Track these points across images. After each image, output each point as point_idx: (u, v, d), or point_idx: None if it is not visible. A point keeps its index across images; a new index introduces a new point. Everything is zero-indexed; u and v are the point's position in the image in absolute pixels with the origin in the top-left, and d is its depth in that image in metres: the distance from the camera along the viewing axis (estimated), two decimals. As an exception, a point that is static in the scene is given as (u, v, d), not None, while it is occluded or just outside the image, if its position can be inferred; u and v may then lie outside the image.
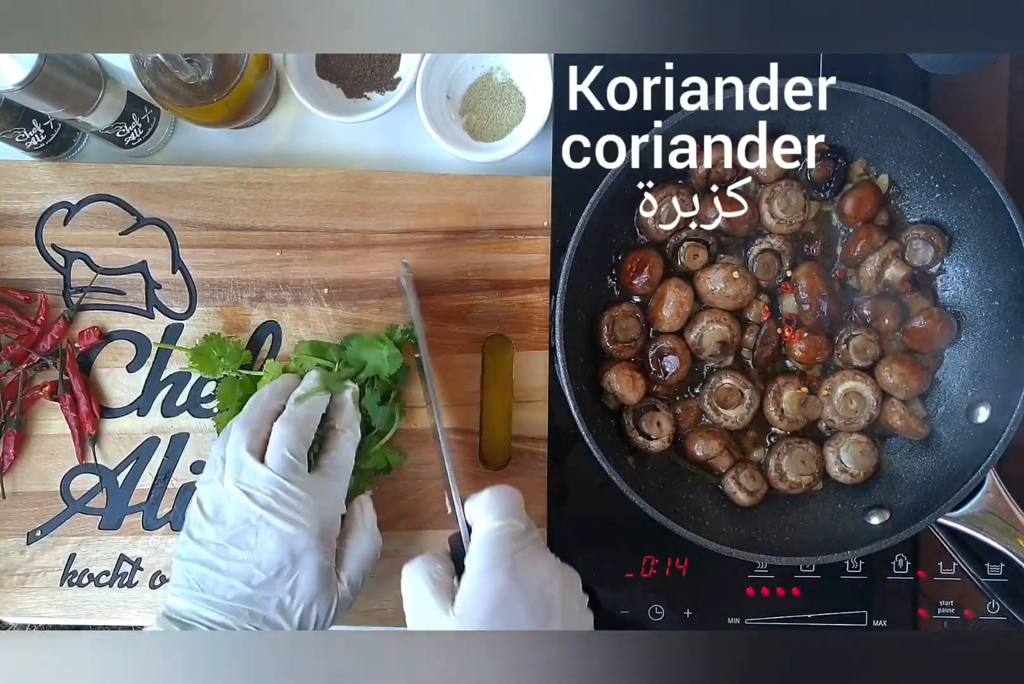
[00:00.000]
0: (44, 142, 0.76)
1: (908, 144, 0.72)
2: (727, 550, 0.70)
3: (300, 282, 0.79)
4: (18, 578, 0.78)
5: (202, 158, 0.83)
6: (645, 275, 0.75)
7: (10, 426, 0.78)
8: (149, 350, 0.79)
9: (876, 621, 0.78)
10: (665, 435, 0.75)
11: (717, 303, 0.75)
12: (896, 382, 0.74)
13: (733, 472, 0.76)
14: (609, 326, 0.75)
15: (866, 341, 0.75)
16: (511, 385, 0.80)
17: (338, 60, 0.81)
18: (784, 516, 0.76)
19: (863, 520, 0.74)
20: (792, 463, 0.75)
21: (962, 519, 0.71)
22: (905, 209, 0.76)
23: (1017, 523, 0.70)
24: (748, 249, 0.76)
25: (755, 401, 0.75)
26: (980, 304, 0.74)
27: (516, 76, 0.81)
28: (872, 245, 0.74)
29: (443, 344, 0.79)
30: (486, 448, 0.81)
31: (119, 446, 0.79)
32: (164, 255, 0.79)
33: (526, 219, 0.80)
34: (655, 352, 0.75)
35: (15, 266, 0.79)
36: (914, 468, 0.75)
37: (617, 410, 0.77)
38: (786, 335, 0.75)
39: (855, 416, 0.75)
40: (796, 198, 0.74)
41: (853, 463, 0.75)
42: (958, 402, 0.75)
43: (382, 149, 0.83)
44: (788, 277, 0.76)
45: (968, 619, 0.77)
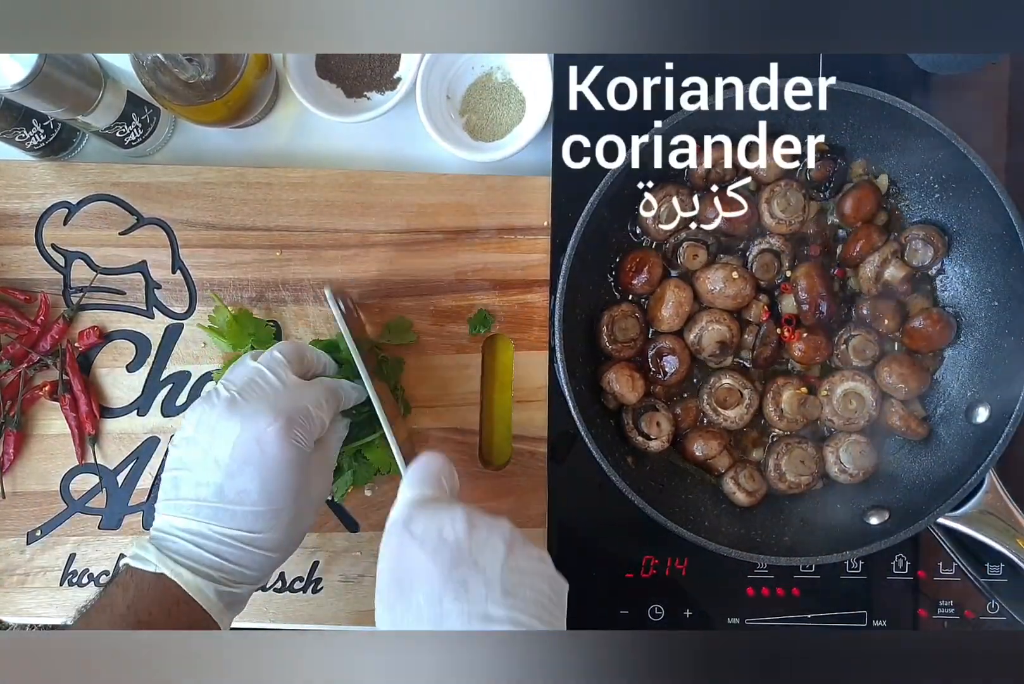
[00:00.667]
0: (44, 142, 0.76)
1: (908, 144, 0.72)
2: (726, 550, 0.70)
3: (300, 282, 0.79)
4: (18, 578, 0.78)
5: (202, 158, 0.83)
6: (644, 275, 0.75)
7: (10, 426, 0.78)
8: (149, 350, 0.79)
9: (876, 621, 0.78)
10: (664, 435, 0.75)
11: (716, 303, 0.75)
12: (895, 382, 0.74)
13: (732, 472, 0.76)
14: (608, 326, 0.75)
15: (865, 341, 0.75)
16: (511, 385, 0.80)
17: (338, 60, 0.81)
18: (783, 516, 0.76)
19: (862, 520, 0.74)
20: (791, 463, 0.75)
21: (961, 519, 0.71)
22: (905, 209, 0.76)
23: (1016, 523, 0.70)
24: (748, 249, 0.76)
25: (754, 401, 0.75)
26: (979, 305, 0.74)
27: (516, 76, 0.81)
28: (871, 245, 0.74)
29: (443, 344, 0.79)
30: (486, 448, 0.81)
31: (119, 446, 0.79)
32: (164, 255, 0.79)
33: (526, 219, 0.80)
34: (654, 352, 0.75)
35: (15, 266, 0.79)
36: (913, 468, 0.75)
37: (616, 410, 0.77)
38: (785, 335, 0.75)
39: (854, 416, 0.75)
40: (796, 198, 0.74)
41: (852, 463, 0.75)
42: (957, 402, 0.75)
43: (382, 149, 0.83)
44: (788, 277, 0.76)
45: (968, 619, 0.77)
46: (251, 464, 0.59)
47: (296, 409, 0.61)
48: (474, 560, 0.53)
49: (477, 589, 0.52)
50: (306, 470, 0.62)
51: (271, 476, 0.59)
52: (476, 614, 0.51)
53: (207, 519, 0.59)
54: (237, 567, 0.59)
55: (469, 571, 0.52)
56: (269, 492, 0.59)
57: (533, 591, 0.53)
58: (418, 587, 0.53)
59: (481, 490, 0.79)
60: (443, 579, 0.52)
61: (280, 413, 0.60)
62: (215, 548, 0.59)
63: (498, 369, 0.81)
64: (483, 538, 0.54)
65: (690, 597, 0.78)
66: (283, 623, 0.78)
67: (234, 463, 0.59)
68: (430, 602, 0.52)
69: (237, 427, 0.59)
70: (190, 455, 0.60)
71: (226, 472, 0.59)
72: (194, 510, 0.59)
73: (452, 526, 0.55)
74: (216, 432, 0.60)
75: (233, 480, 0.59)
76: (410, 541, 0.55)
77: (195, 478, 0.60)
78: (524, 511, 0.78)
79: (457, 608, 0.51)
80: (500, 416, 0.81)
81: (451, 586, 0.52)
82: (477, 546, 0.54)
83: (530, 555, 0.56)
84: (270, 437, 0.59)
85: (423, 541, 0.54)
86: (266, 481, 0.59)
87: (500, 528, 0.56)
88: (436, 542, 0.54)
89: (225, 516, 0.59)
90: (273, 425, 0.59)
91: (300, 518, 0.62)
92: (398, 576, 0.54)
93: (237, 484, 0.59)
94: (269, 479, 0.59)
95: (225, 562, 0.59)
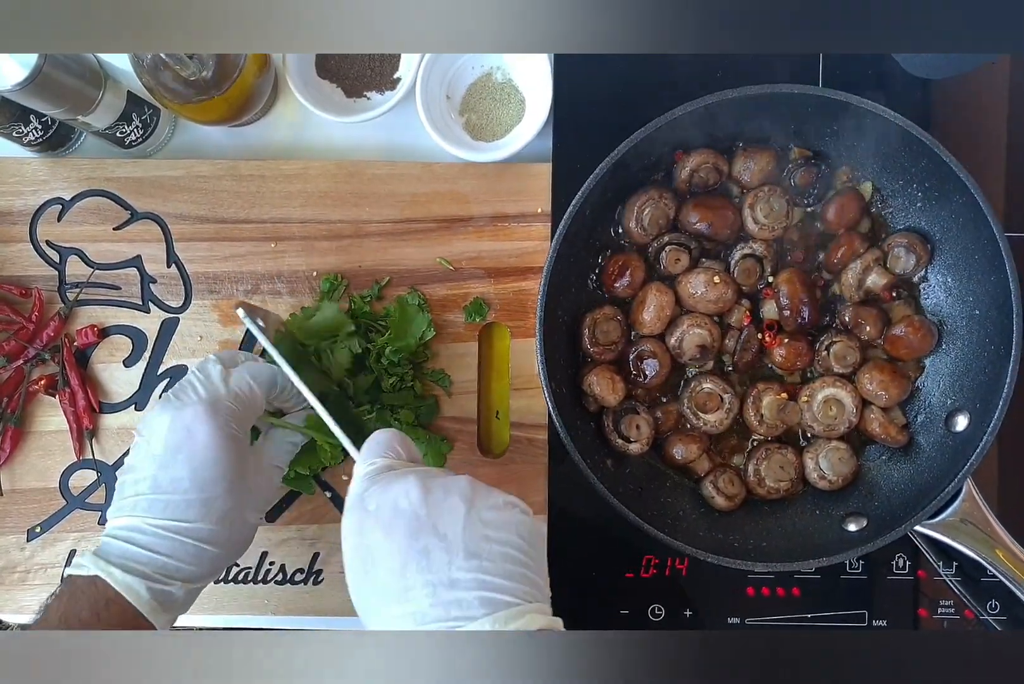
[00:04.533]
0: (42, 137, 0.77)
1: (891, 152, 0.72)
2: (703, 554, 0.70)
3: (295, 274, 0.80)
4: (19, 575, 0.78)
5: (202, 157, 0.83)
6: (627, 278, 0.75)
7: (9, 422, 0.78)
8: (145, 345, 0.80)
9: (876, 621, 0.78)
10: (644, 438, 0.75)
11: (698, 307, 0.75)
12: (876, 389, 0.74)
13: (712, 476, 0.76)
14: (590, 328, 0.75)
15: (847, 348, 0.75)
16: (508, 373, 0.80)
17: (338, 60, 0.82)
18: (762, 521, 0.76)
19: (840, 527, 0.74)
20: (771, 468, 0.75)
21: (939, 527, 0.71)
22: (889, 217, 0.76)
23: (993, 533, 0.70)
24: (730, 254, 0.76)
25: (735, 406, 0.75)
26: (961, 313, 0.74)
27: (516, 76, 0.81)
28: (853, 252, 0.74)
29: (440, 333, 0.79)
30: (485, 436, 0.81)
31: (117, 441, 0.80)
32: (159, 249, 0.80)
33: (519, 206, 0.80)
34: (635, 355, 0.76)
35: (10, 263, 0.80)
36: (892, 476, 0.75)
37: (597, 412, 0.77)
38: (767, 341, 0.75)
39: (834, 423, 0.75)
40: (779, 204, 0.74)
41: (831, 470, 0.75)
42: (937, 411, 0.75)
43: (382, 148, 0.84)
44: (770, 283, 0.76)
45: (968, 619, 0.76)
46: (182, 451, 0.60)
47: (224, 395, 0.63)
48: (433, 526, 0.51)
49: (439, 556, 0.50)
50: (241, 460, 0.63)
51: (201, 462, 0.60)
52: (441, 582, 0.50)
53: (143, 512, 0.60)
54: (171, 560, 0.59)
55: (430, 538, 0.51)
56: (201, 479, 0.60)
57: (500, 544, 0.51)
58: (380, 563, 0.51)
59: (481, 478, 0.76)
60: (404, 551, 0.51)
61: (206, 400, 0.62)
62: (148, 541, 0.59)
63: (495, 357, 0.82)
64: (439, 501, 0.53)
65: (690, 597, 0.78)
66: (284, 615, 0.78)
67: (167, 453, 0.60)
68: (394, 576, 0.50)
69: (167, 419, 0.61)
70: (132, 458, 0.62)
71: (159, 463, 0.60)
72: (132, 506, 0.60)
73: (407, 495, 0.53)
74: (151, 429, 0.62)
75: (166, 470, 0.60)
76: (366, 517, 0.53)
77: (135, 476, 0.61)
78: (525, 499, 0.75)
79: (421, 579, 0.50)
80: (498, 404, 0.81)
81: (413, 556, 0.50)
82: (435, 510, 0.52)
83: (494, 505, 0.54)
84: (199, 422, 0.61)
85: (378, 515, 0.53)
86: (197, 468, 0.60)
87: (457, 485, 0.54)
88: (392, 514, 0.52)
89: (158, 506, 0.60)
90: (201, 411, 0.61)
91: (236, 511, 0.63)
92: (360, 554, 0.53)
93: (170, 473, 0.60)
94: (200, 466, 0.60)
95: (158, 555, 0.59)
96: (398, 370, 0.76)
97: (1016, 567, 0.69)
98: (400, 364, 0.76)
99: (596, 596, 0.78)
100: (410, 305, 0.78)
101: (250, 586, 0.78)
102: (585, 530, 0.79)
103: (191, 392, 0.63)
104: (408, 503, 0.52)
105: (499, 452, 0.80)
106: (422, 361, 0.79)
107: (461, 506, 0.52)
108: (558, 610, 0.67)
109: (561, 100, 0.79)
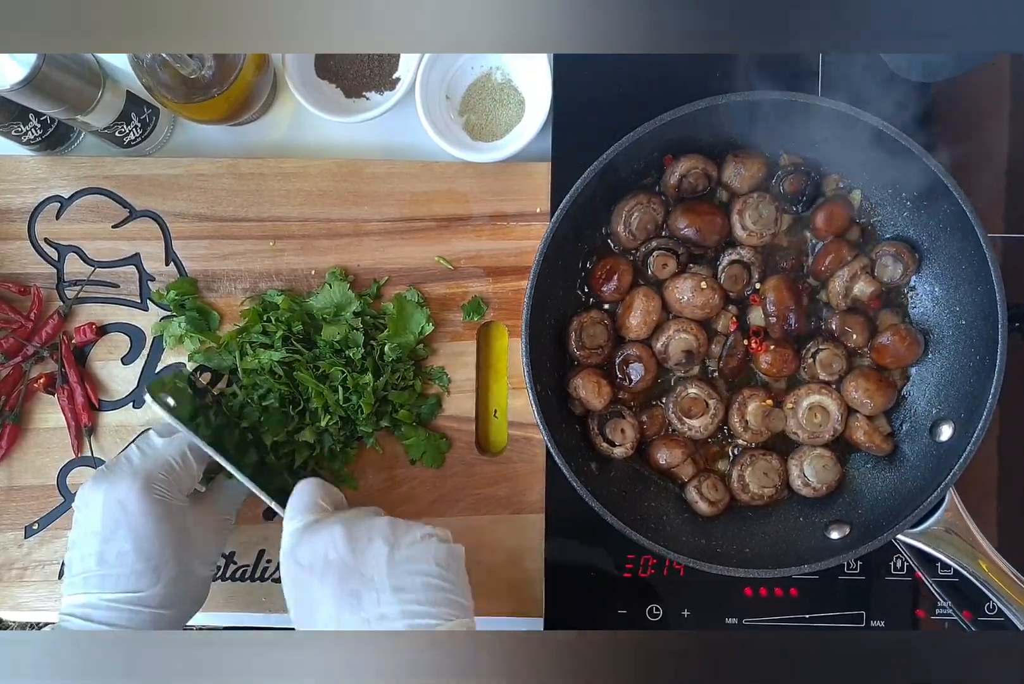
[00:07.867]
0: (41, 136, 0.78)
1: (881, 160, 0.71)
2: (685, 559, 0.70)
3: (294, 272, 0.80)
4: (16, 572, 0.79)
5: (201, 156, 0.83)
6: (614, 283, 0.75)
7: (7, 419, 0.79)
8: (143, 342, 0.81)
9: (874, 621, 0.78)
10: (629, 442, 0.75)
11: (685, 313, 0.75)
12: (861, 397, 0.74)
13: (696, 481, 0.76)
14: (577, 332, 0.76)
15: (833, 355, 0.75)
16: (506, 372, 0.81)
17: (337, 60, 0.82)
18: (745, 527, 0.76)
19: (823, 534, 0.74)
20: (755, 475, 0.75)
21: (922, 537, 0.71)
22: (878, 225, 0.76)
23: (975, 543, 0.70)
24: (718, 260, 0.76)
25: (720, 411, 0.75)
26: (948, 322, 0.73)
27: (516, 76, 0.82)
28: (841, 260, 0.74)
29: (438, 332, 0.80)
30: (483, 435, 0.82)
31: (115, 438, 0.80)
32: (157, 247, 0.80)
33: (518, 206, 0.80)
34: (621, 359, 0.76)
35: (9, 261, 0.80)
36: (876, 484, 0.75)
37: (583, 416, 0.77)
38: (753, 347, 0.75)
39: (819, 430, 0.74)
40: (767, 210, 0.74)
41: (816, 477, 0.75)
42: (923, 420, 0.74)
43: (381, 148, 0.84)
44: (757, 289, 0.76)
45: (967, 619, 0.76)
46: (121, 526, 0.63)
47: (155, 466, 0.65)
48: (360, 571, 0.57)
49: (368, 596, 0.56)
50: (182, 523, 0.65)
51: (143, 533, 0.63)
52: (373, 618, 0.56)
53: (95, 588, 0.62)
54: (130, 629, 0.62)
55: (358, 582, 0.57)
56: (144, 550, 0.63)
57: (421, 575, 0.57)
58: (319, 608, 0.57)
59: (479, 477, 0.79)
60: (337, 597, 0.57)
61: (137, 473, 0.64)
62: (105, 616, 0.62)
63: (493, 356, 0.82)
64: (364, 547, 0.58)
65: (689, 597, 0.78)
66: (281, 612, 0.78)
67: (106, 528, 0.63)
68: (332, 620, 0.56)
69: (101, 495, 0.63)
70: (75, 534, 0.64)
71: (102, 538, 0.63)
72: (83, 583, 0.62)
73: (334, 547, 0.58)
74: (88, 504, 0.64)
75: (109, 544, 0.62)
76: (299, 570, 0.59)
77: (80, 552, 0.63)
78: (522, 497, 0.79)
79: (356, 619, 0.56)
80: (496, 403, 0.82)
81: (346, 601, 0.56)
82: (360, 557, 0.58)
83: (412, 541, 0.59)
84: (132, 496, 0.63)
85: (311, 567, 0.58)
86: (139, 539, 0.63)
87: (379, 529, 0.60)
88: (322, 565, 0.58)
89: (109, 582, 0.62)
90: (133, 485, 0.63)
91: (188, 573, 0.65)
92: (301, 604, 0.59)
93: (114, 547, 0.62)
94: (142, 536, 0.63)
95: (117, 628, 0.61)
96: (400, 367, 0.77)
97: (998, 578, 0.69)
98: (402, 361, 0.77)
99: (595, 596, 0.79)
100: (409, 302, 0.79)
101: (248, 583, 0.79)
102: (582, 529, 0.79)
103: (125, 465, 0.65)
104: (336, 554, 0.58)
105: (497, 451, 0.81)
106: (422, 358, 0.79)
107: (383, 549, 0.58)
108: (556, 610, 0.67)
109: (560, 100, 0.80)
